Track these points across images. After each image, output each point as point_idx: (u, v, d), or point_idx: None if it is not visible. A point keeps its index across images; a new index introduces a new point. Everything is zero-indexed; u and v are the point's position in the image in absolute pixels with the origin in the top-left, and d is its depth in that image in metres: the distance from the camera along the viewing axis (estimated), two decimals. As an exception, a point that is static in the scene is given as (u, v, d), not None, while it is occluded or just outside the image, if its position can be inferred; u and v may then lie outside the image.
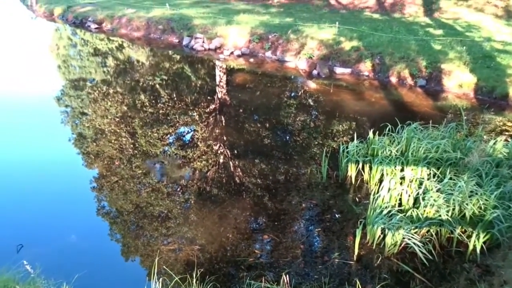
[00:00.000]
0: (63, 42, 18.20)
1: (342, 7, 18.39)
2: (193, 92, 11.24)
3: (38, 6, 23.48)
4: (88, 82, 12.29)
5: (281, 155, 7.63)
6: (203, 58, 14.48)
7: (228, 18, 16.21)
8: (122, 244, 5.50)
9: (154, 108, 9.95)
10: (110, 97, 10.73)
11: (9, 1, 29.35)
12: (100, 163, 7.45)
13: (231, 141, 8.30)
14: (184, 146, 8.14)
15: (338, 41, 12.86)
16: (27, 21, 21.82)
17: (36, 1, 24.16)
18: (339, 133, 8.43)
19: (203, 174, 7.04)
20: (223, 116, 9.68)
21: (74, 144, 8.26)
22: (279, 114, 9.59)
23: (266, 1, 20.70)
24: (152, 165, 7.39)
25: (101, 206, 6.31)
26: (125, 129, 8.75)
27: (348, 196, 6.36)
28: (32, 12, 23.35)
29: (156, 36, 16.95)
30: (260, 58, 14.01)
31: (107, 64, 14.18)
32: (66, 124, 9.28)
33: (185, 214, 5.96)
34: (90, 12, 19.78)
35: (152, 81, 12.15)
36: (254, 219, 5.91)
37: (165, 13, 17.70)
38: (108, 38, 17.65)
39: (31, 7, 24.46)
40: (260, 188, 6.56)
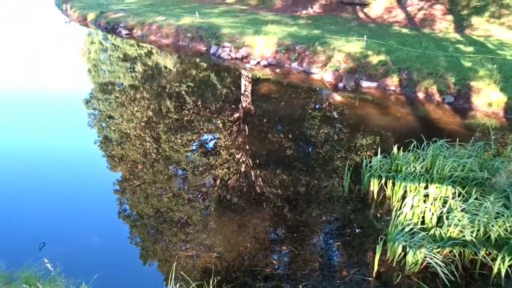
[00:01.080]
0: (94, 46, 18.67)
1: (370, 20, 18.30)
2: (218, 100, 11.33)
3: (72, 11, 24.20)
4: (116, 86, 12.56)
5: (303, 167, 7.59)
6: (230, 67, 14.60)
7: (256, 28, 16.33)
8: (141, 247, 5.55)
9: (179, 114, 10.07)
10: (136, 102, 10.92)
11: (46, 6, 30.34)
12: (124, 166, 7.57)
13: (254, 150, 8.32)
14: (207, 153, 8.19)
15: (366, 54, 12.78)
16: (61, 25, 22.49)
17: (71, 6, 24.90)
18: (363, 147, 8.34)
19: (224, 182, 7.07)
20: (246, 125, 9.72)
21: (100, 146, 8.42)
22: (303, 125, 9.56)
23: (295, 13, 20.79)
24: (175, 171, 7.46)
25: (123, 208, 6.40)
26: (150, 134, 8.88)
27: (369, 211, 6.27)
28: (67, 17, 24.08)
29: (184, 43, 17.20)
30: (286, 69, 14.04)
31: (136, 70, 14.46)
32: (93, 127, 9.48)
33: (204, 221, 5.98)
34: (122, 18, 20.25)
35: (178, 88, 12.31)
36: (273, 229, 5.88)
37: (194, 22, 17.97)
38: (137, 44, 18.01)
39: (66, 12, 25.24)
40: (281, 199, 6.53)
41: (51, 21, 23.69)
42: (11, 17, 27.38)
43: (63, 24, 22.64)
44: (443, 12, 17.05)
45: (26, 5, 35.85)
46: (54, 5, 29.42)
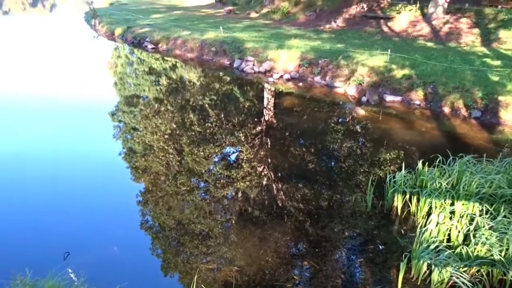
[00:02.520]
0: (121, 60, 19.11)
1: (395, 34, 18.18)
2: (240, 113, 11.40)
3: (100, 26, 24.87)
4: (141, 99, 12.79)
5: (325, 181, 7.52)
6: (253, 81, 14.70)
7: (280, 42, 16.44)
8: (162, 259, 5.58)
9: (202, 127, 10.16)
10: (161, 115, 11.08)
11: (76, 22, 31.32)
12: (147, 178, 7.65)
13: (276, 163, 8.30)
14: (229, 166, 8.22)
15: (390, 68, 12.67)
16: (89, 39, 23.13)
17: (99, 21, 25.61)
18: (386, 162, 8.22)
19: (246, 195, 7.06)
20: (269, 138, 9.72)
21: (124, 157, 8.55)
22: (325, 139, 9.51)
23: (318, 27, 20.85)
24: (197, 183, 7.50)
25: (145, 220, 6.45)
26: (173, 146, 8.98)
27: (393, 227, 6.15)
28: (95, 32, 24.76)
29: (208, 57, 17.43)
30: (309, 82, 14.04)
31: (160, 83, 14.70)
32: (118, 138, 9.64)
33: (225, 234, 5.97)
34: (148, 33, 20.69)
35: (201, 101, 12.45)
36: (295, 244, 5.83)
37: (219, 36, 18.21)
38: (163, 58, 18.34)
39: (94, 27, 25.97)
40: (302, 213, 6.48)
41: (80, 36, 24.39)
42: (43, 32, 28.36)
43: (91, 38, 23.27)
44: (469, 25, 16.81)
45: (57, 20, 37.13)
46: (83, 20, 30.32)
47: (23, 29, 30.20)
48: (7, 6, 49.85)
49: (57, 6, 52.94)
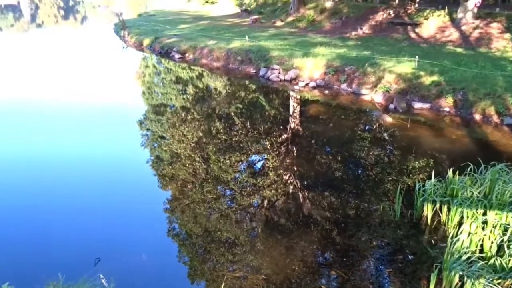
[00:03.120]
0: (149, 70, 19.48)
1: (422, 40, 17.91)
2: (266, 122, 11.42)
3: (129, 37, 25.44)
4: (168, 107, 12.99)
5: (352, 189, 7.43)
6: (278, 89, 14.72)
7: (305, 50, 16.43)
8: (189, 266, 5.61)
9: (228, 135, 10.23)
10: (187, 123, 11.21)
11: (105, 33, 32.17)
12: (174, 186, 7.74)
13: (302, 171, 8.26)
14: (255, 174, 8.23)
15: (418, 75, 12.47)
16: (119, 50, 23.67)
17: (128, 33, 26.21)
18: (415, 170, 8.06)
19: (272, 203, 7.05)
20: (294, 146, 9.70)
21: (152, 165, 8.69)
22: (352, 147, 9.41)
23: (344, 34, 20.75)
24: (223, 191, 7.54)
25: (172, 227, 6.52)
26: (199, 154, 9.06)
27: (422, 237, 6.01)
28: (124, 43, 25.33)
29: (234, 66, 17.57)
30: (335, 90, 13.96)
31: (187, 92, 14.90)
32: (146, 146, 9.81)
33: (251, 242, 5.97)
34: (175, 43, 21.04)
35: (227, 109, 12.54)
36: (321, 253, 5.77)
37: (244, 45, 18.35)
38: (189, 67, 18.60)
39: (123, 38, 26.57)
40: (329, 222, 6.41)
41: (110, 46, 25.01)
42: (75, 43, 29.25)
43: (121, 49, 23.82)
44: (500, 30, 16.40)
45: (87, 32, 38.21)
46: (113, 32, 31.10)
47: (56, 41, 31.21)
48: (41, 19, 51.70)
49: (88, 19, 54.56)
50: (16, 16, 54.19)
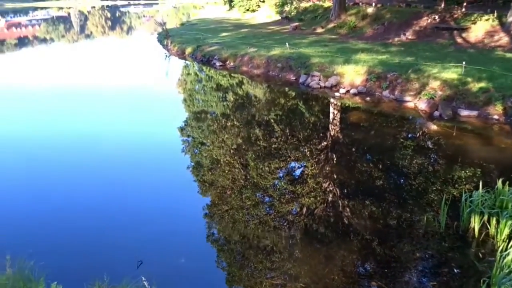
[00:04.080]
0: (190, 77, 19.86)
1: (470, 46, 17.27)
2: (305, 129, 11.34)
3: (172, 45, 26.07)
4: (209, 114, 13.16)
5: (394, 199, 7.22)
6: (318, 96, 14.60)
7: (346, 56, 16.24)
8: (227, 272, 5.62)
9: (267, 142, 10.22)
10: (227, 130, 11.32)
11: (149, 42, 33.15)
12: (213, 191, 7.81)
13: (341, 179, 8.13)
14: (294, 181, 8.17)
15: (464, 81, 12.02)
16: (162, 58, 24.28)
17: (171, 41, 26.87)
18: (461, 180, 7.74)
19: (311, 211, 6.96)
20: (334, 154, 9.56)
21: (192, 171, 8.81)
22: (394, 155, 9.17)
23: (386, 40, 20.36)
24: (261, 198, 7.53)
25: (211, 232, 6.57)
26: (239, 161, 9.11)
27: (469, 250, 5.75)
28: (167, 51, 25.97)
29: (274, 73, 17.61)
30: (376, 97, 13.68)
31: (227, 99, 15.06)
32: (187, 152, 9.97)
33: (290, 250, 5.91)
34: (216, 51, 21.35)
35: (267, 116, 12.56)
36: (362, 263, 5.63)
37: (284, 52, 18.37)
38: (230, 75, 18.81)
39: (166, 46, 27.26)
40: (370, 231, 6.26)
41: (153, 55, 25.70)
42: (121, 52, 30.34)
43: (163, 57, 24.42)
44: (555, 34, 15.56)
45: (132, 42, 39.50)
46: (156, 41, 31.98)
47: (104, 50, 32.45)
48: (89, 30, 53.95)
49: (133, 29, 56.40)
50: (67, 27, 56.83)
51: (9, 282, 4.22)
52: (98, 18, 76.35)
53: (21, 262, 4.65)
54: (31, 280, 4.46)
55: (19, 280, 4.34)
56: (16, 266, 4.57)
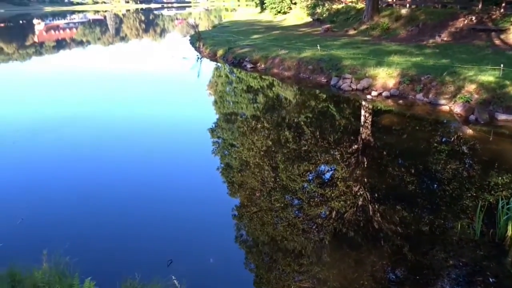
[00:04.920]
0: (221, 79, 20.03)
1: (509, 48, 16.69)
2: (336, 131, 11.24)
3: (204, 48, 26.39)
4: (239, 116, 13.24)
5: (427, 204, 7.05)
6: (349, 98, 14.44)
7: (379, 59, 16.00)
8: (255, 274, 5.63)
9: (297, 144, 10.19)
10: (257, 131, 11.35)
11: (182, 45, 33.68)
12: (242, 193, 7.84)
13: (372, 183, 8.00)
14: (323, 184, 8.11)
15: (502, 84, 11.62)
16: (193, 60, 24.58)
17: (203, 44, 27.20)
18: (498, 187, 7.48)
19: (340, 215, 6.89)
20: (365, 157, 9.43)
21: (222, 172, 8.87)
22: (427, 160, 8.96)
23: (421, 42, 19.93)
24: (290, 200, 7.51)
25: (240, 234, 6.59)
26: (268, 163, 9.11)
27: (506, 259, 5.54)
28: (199, 53, 26.30)
29: (305, 75, 17.53)
30: (410, 100, 13.41)
31: (257, 101, 15.10)
32: (217, 154, 10.05)
33: (318, 253, 5.86)
34: (247, 53, 21.45)
35: (297, 118, 12.52)
36: (392, 269, 5.52)
37: (316, 54, 18.27)
38: (260, 77, 18.85)
39: (198, 48, 27.61)
40: (401, 237, 6.13)
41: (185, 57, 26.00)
42: (154, 54, 30.95)
43: (195, 59, 24.73)
44: None
45: (165, 44, 40.22)
46: (188, 43, 32.45)
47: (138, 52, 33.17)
48: (124, 32, 55.27)
49: (166, 31, 57.42)
50: (102, 30, 58.45)
51: (45, 276, 4.36)
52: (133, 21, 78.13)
53: (57, 257, 4.80)
54: (66, 275, 4.60)
55: (55, 275, 4.48)
56: (52, 261, 4.72)
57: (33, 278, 4.31)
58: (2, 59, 29.94)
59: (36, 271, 4.40)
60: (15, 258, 4.89)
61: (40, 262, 4.65)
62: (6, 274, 4.50)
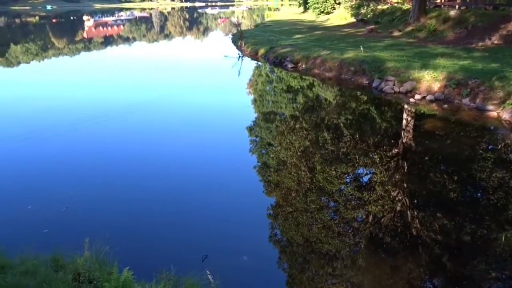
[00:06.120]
0: (261, 78, 20.07)
1: None
2: (376, 134, 11.02)
3: (246, 46, 26.55)
4: (278, 115, 13.23)
5: (469, 213, 6.79)
6: (391, 101, 14.12)
7: (424, 61, 15.54)
8: (288, 274, 5.61)
9: (335, 146, 10.06)
10: (295, 131, 11.29)
11: (224, 43, 34.08)
12: (278, 192, 7.83)
13: (412, 189, 7.79)
14: (361, 187, 7.97)
15: (557, 91, 11.02)
16: (235, 58, 24.77)
17: (245, 43, 27.37)
18: (548, 198, 7.10)
19: (377, 220, 6.75)
20: (405, 161, 9.19)
21: (258, 171, 8.89)
22: (472, 167, 8.62)
23: (469, 45, 19.20)
24: (326, 202, 7.43)
25: (274, 233, 6.58)
26: (305, 163, 9.05)
27: (553, 275, 5.26)
28: (240, 52, 26.49)
29: (346, 77, 17.29)
30: (455, 104, 12.94)
31: (297, 101, 15.03)
32: (254, 152, 10.08)
33: (353, 257, 5.77)
34: (289, 53, 21.39)
35: (336, 120, 12.37)
36: (430, 278, 5.35)
37: (358, 55, 17.97)
38: (301, 77, 18.75)
39: (240, 47, 27.82)
40: (440, 246, 5.93)
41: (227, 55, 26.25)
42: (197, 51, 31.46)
43: (237, 57, 24.90)
44: None
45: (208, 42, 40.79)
46: (230, 42, 32.74)
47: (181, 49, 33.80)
48: (168, 30, 56.50)
49: (209, 29, 58.22)
50: (148, 27, 59.96)
51: (86, 263, 4.52)
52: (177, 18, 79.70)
53: (98, 245, 4.97)
54: (105, 263, 4.75)
55: (95, 262, 4.65)
56: (93, 249, 4.89)
57: (75, 264, 4.49)
58: (54, 53, 31.30)
59: (78, 258, 4.58)
60: (59, 244, 5.12)
61: (82, 249, 4.83)
62: (50, 259, 4.71)
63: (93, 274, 4.36)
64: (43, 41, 39.97)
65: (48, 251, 4.88)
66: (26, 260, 4.53)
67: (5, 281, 4.05)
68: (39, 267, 4.40)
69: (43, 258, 4.70)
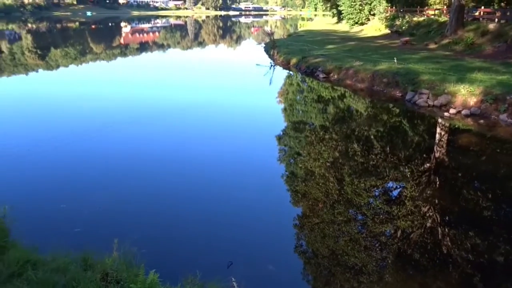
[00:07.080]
0: (293, 87, 20.07)
1: None
2: (407, 148, 10.80)
3: (278, 56, 26.65)
4: (307, 125, 13.17)
5: (504, 233, 6.54)
6: (425, 115, 13.83)
7: (460, 75, 15.17)
8: (312, 286, 5.55)
9: (365, 158, 9.92)
10: (324, 142, 11.21)
11: (256, 52, 34.31)
12: (305, 203, 7.77)
13: (443, 205, 7.58)
14: (390, 201, 7.81)
15: None
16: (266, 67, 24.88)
17: (277, 52, 27.49)
18: None
19: (406, 235, 6.59)
20: (437, 177, 8.96)
21: (286, 180, 8.86)
22: (508, 185, 8.33)
23: (509, 59, 18.62)
24: (354, 215, 7.31)
25: (299, 244, 6.53)
26: (334, 175, 8.96)
27: None
28: (273, 61, 26.58)
29: (379, 88, 17.07)
30: (492, 120, 12.56)
31: (327, 111, 14.93)
32: (282, 161, 10.05)
33: (380, 272, 5.65)
34: (321, 63, 21.33)
35: (367, 132, 12.20)
36: (459, 298, 5.18)
37: (392, 67, 17.73)
38: (332, 87, 18.64)
39: (272, 56, 27.95)
40: (472, 265, 5.74)
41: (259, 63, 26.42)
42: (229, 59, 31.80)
43: (268, 66, 24.99)
44: None
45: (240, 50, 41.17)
46: (263, 51, 32.93)
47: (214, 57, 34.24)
48: (202, 38, 57.36)
49: (242, 38, 58.76)
50: (182, 35, 61.06)
51: (114, 264, 4.61)
52: (211, 27, 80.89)
53: (126, 246, 5.06)
54: (133, 265, 4.83)
55: (123, 263, 4.73)
56: (121, 250, 4.98)
57: (104, 264, 4.58)
58: (91, 58, 32.28)
59: (107, 258, 4.66)
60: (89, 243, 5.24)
61: (111, 250, 4.93)
62: (80, 258, 4.83)
63: (121, 274, 4.44)
64: (82, 46, 41.29)
65: (78, 250, 5.00)
66: (57, 258, 4.66)
67: (36, 277, 4.17)
68: (69, 265, 4.52)
69: (73, 256, 4.82)
